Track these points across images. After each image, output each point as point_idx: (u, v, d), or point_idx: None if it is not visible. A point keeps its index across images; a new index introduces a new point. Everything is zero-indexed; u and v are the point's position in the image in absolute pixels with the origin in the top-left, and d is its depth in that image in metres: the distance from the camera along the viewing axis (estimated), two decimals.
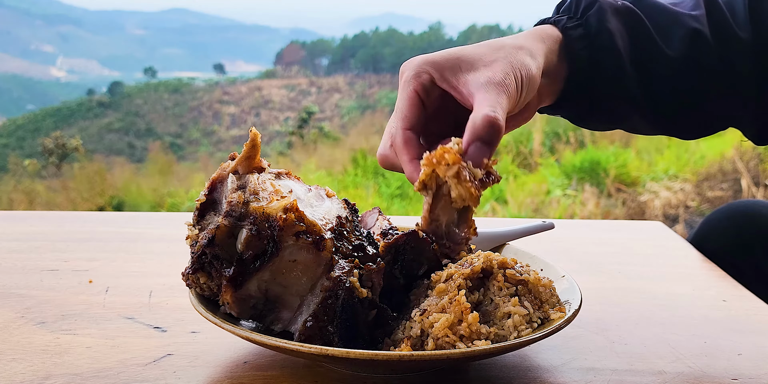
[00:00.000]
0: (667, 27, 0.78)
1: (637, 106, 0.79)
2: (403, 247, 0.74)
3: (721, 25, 0.78)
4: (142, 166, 11.36)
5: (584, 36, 0.75)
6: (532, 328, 0.67)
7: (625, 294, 0.96)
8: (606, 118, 0.83)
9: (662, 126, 0.83)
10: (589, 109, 0.80)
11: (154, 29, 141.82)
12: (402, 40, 47.54)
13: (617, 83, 0.77)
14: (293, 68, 40.73)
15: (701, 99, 0.80)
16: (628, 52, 0.76)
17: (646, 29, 0.77)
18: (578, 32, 0.75)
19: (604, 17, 0.75)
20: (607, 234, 1.29)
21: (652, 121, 0.81)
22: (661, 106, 0.79)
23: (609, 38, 0.75)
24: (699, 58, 0.77)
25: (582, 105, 0.80)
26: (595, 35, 0.75)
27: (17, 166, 12.82)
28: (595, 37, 0.75)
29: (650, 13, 0.78)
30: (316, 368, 0.70)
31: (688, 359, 0.75)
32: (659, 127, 0.83)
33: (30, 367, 0.69)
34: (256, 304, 0.67)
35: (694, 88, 0.79)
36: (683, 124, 0.83)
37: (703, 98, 0.80)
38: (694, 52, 0.77)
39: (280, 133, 20.57)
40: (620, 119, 0.83)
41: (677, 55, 0.77)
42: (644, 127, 0.84)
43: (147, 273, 0.99)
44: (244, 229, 0.65)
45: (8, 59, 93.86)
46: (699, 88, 0.79)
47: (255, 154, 0.69)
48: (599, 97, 0.78)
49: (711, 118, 0.83)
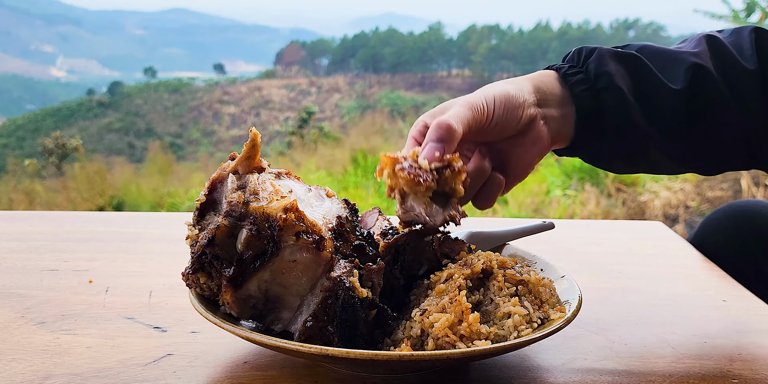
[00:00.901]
0: (668, 65, 0.80)
1: (648, 139, 0.80)
2: (403, 247, 0.74)
3: (724, 58, 0.80)
4: (142, 166, 11.36)
5: (584, 80, 0.80)
6: (532, 328, 0.67)
7: (625, 294, 0.96)
8: (624, 156, 0.84)
9: (680, 159, 0.84)
10: (603, 148, 0.82)
11: (154, 29, 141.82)
12: (402, 40, 47.50)
13: (623, 117, 0.79)
14: (293, 68, 40.76)
15: (710, 128, 0.81)
16: (630, 89, 0.79)
17: (647, 68, 0.80)
18: (578, 77, 0.80)
19: (603, 61, 0.79)
20: (607, 234, 1.29)
21: (668, 153, 0.82)
22: (672, 137, 0.80)
23: (608, 79, 0.79)
24: (704, 89, 0.79)
25: (595, 144, 0.82)
26: (595, 78, 0.79)
27: (16, 167, 12.81)
28: (596, 80, 0.79)
29: (651, 55, 0.81)
30: (316, 368, 0.70)
31: (688, 359, 0.75)
32: (677, 159, 0.84)
33: (30, 367, 0.69)
34: (256, 304, 0.67)
35: (701, 118, 0.80)
36: (700, 154, 0.84)
37: (712, 127, 0.81)
38: (698, 84, 0.79)
39: (280, 133, 20.57)
40: (638, 155, 0.84)
41: (680, 87, 0.79)
42: (664, 162, 0.85)
43: (147, 273, 0.99)
44: (244, 229, 0.65)
45: (8, 59, 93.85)
46: (706, 118, 0.80)
47: (255, 154, 0.69)
48: (610, 135, 0.80)
49: (726, 149, 0.83)
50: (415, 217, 0.74)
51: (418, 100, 30.24)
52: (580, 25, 43.76)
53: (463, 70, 48.18)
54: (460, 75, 45.09)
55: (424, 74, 42.83)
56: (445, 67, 49.86)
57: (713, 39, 0.82)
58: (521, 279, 0.72)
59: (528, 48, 41.45)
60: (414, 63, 45.58)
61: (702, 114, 0.80)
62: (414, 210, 0.73)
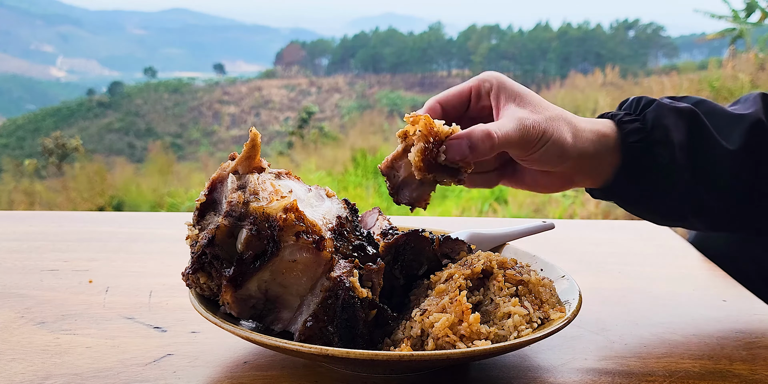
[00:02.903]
0: (724, 124, 0.80)
1: (686, 200, 0.80)
2: (403, 247, 0.75)
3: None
4: (142, 166, 11.36)
5: (639, 130, 0.78)
6: (532, 328, 0.67)
7: (625, 294, 0.96)
8: (662, 212, 0.83)
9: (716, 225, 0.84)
10: (639, 197, 0.82)
11: (154, 29, 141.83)
12: (402, 40, 47.51)
13: (668, 174, 0.78)
14: (293, 68, 40.75)
15: (757, 194, 0.80)
16: (684, 146, 0.78)
17: (704, 126, 0.79)
18: (634, 126, 0.79)
19: (662, 113, 0.78)
20: (607, 234, 1.29)
21: (704, 219, 0.82)
22: (714, 203, 0.80)
23: (664, 133, 0.77)
24: (758, 151, 0.78)
25: (632, 192, 0.81)
26: (651, 129, 0.78)
27: (16, 167, 12.80)
28: (651, 132, 0.78)
29: (710, 114, 0.80)
30: (316, 368, 0.70)
31: (688, 359, 0.75)
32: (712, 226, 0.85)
33: (30, 367, 0.69)
34: (256, 304, 0.67)
35: (750, 182, 0.79)
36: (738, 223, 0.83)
37: (759, 193, 0.80)
38: (753, 145, 0.78)
39: (280, 133, 20.56)
40: (674, 215, 0.83)
41: (735, 147, 0.78)
42: (700, 226, 0.85)
43: (147, 273, 0.99)
44: (244, 229, 0.65)
45: (8, 59, 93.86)
46: (756, 182, 0.79)
47: (255, 154, 0.69)
48: (649, 187, 0.80)
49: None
50: (392, 177, 0.73)
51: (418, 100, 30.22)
52: (580, 25, 43.75)
53: (463, 70, 48.19)
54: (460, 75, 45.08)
55: (424, 74, 42.82)
56: (445, 67, 49.88)
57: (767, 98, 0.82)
58: (521, 279, 0.72)
59: (528, 48, 41.46)
60: (414, 63, 45.60)
61: (751, 178, 0.79)
62: (399, 171, 0.73)
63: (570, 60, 38.23)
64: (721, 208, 0.81)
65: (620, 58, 34.93)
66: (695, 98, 0.83)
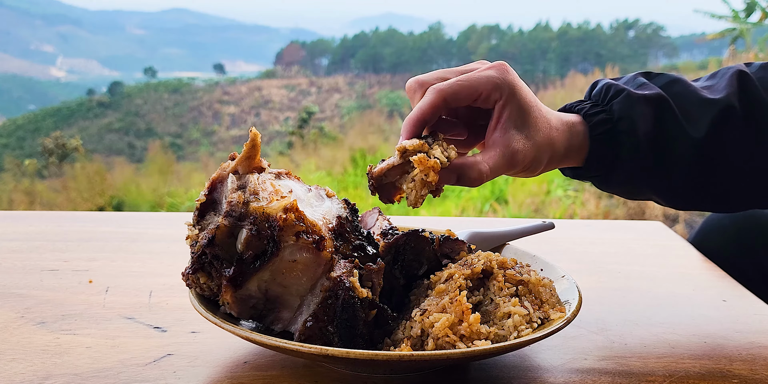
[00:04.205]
0: (695, 109, 0.80)
1: (649, 184, 0.82)
2: (403, 247, 0.75)
3: (752, 100, 0.80)
4: (142, 166, 11.35)
5: (606, 121, 0.80)
6: (532, 328, 0.67)
7: (625, 294, 0.96)
8: (628, 191, 0.86)
9: (677, 205, 0.86)
10: (606, 180, 0.84)
11: (154, 29, 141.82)
12: (402, 40, 47.50)
13: (632, 161, 0.80)
14: (293, 68, 40.72)
15: (726, 175, 0.81)
16: (650, 136, 0.79)
17: (672, 114, 0.79)
18: (600, 118, 0.80)
19: (629, 104, 0.79)
20: (607, 234, 1.29)
21: (665, 199, 0.84)
22: (677, 191, 0.82)
23: (630, 124, 0.79)
24: (722, 138, 0.79)
25: (600, 176, 0.83)
26: (617, 121, 0.79)
27: (15, 167, 12.80)
28: (617, 123, 0.79)
29: (681, 96, 0.81)
30: (316, 368, 0.70)
31: (688, 359, 0.75)
32: (674, 206, 0.86)
33: (30, 367, 0.69)
34: (256, 304, 0.67)
35: (710, 170, 0.80)
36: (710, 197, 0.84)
37: (727, 174, 0.81)
38: (718, 133, 0.79)
39: (280, 133, 20.56)
40: (641, 195, 0.86)
41: (700, 135, 0.79)
42: (664, 204, 0.87)
43: (147, 273, 0.99)
44: (244, 229, 0.65)
45: (8, 59, 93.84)
46: (721, 166, 0.80)
47: (255, 154, 0.69)
48: (616, 173, 0.82)
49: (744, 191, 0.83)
50: (381, 181, 0.72)
51: None
52: (580, 25, 43.74)
53: None
54: None
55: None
56: (445, 67, 49.82)
57: (744, 77, 0.81)
58: (521, 279, 0.72)
59: (528, 48, 41.46)
60: (414, 63, 45.60)
61: (717, 163, 0.80)
62: (388, 179, 0.72)
63: (570, 60, 38.20)
64: (680, 192, 0.82)
65: (620, 58, 34.90)
66: (670, 77, 0.83)
